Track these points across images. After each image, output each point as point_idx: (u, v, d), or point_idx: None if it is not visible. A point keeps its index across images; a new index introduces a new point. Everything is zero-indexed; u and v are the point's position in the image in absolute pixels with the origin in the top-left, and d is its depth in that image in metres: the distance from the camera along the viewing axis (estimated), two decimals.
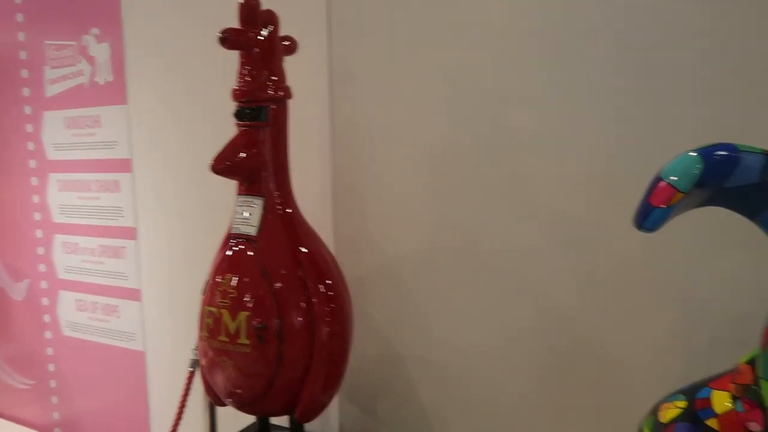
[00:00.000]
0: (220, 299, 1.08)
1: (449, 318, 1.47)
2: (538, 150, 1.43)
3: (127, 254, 1.75)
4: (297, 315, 1.09)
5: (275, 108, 1.09)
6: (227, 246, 1.13)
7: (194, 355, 1.33)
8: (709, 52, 1.18)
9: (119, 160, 1.74)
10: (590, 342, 1.62)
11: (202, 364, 1.16)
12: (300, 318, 1.09)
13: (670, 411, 0.96)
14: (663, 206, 0.76)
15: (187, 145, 1.62)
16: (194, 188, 1.62)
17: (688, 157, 0.75)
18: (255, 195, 1.11)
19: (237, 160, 1.07)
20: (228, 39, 1.03)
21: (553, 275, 1.55)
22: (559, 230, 1.53)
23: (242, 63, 1.08)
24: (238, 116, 1.08)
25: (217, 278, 1.11)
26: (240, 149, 1.08)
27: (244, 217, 1.11)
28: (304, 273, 1.11)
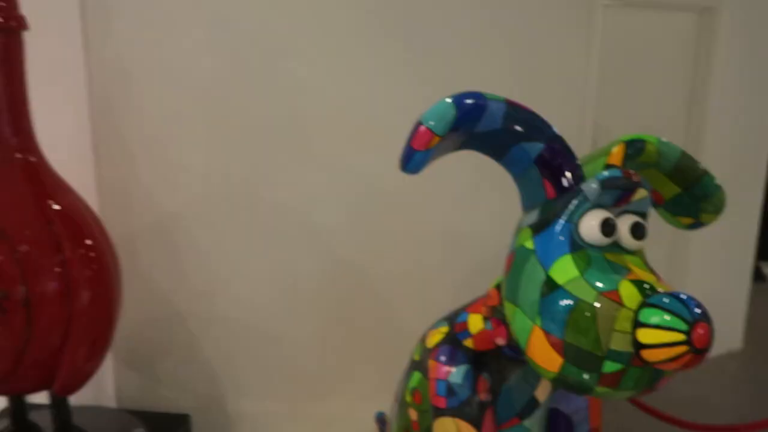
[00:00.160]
0: None
1: (231, 271, 1.44)
2: (315, 99, 1.43)
3: None
4: (49, 280, 0.97)
5: (4, 40, 0.92)
6: None
7: None
8: (460, 15, 1.31)
9: None
10: (369, 283, 1.71)
11: None
12: (53, 283, 0.98)
13: (434, 337, 1.06)
14: (423, 149, 0.79)
15: None
16: None
17: (444, 104, 0.79)
18: None
19: None
20: None
21: (333, 223, 1.58)
22: (339, 179, 1.56)
23: None
24: None
25: None
26: None
27: None
28: (57, 233, 0.98)
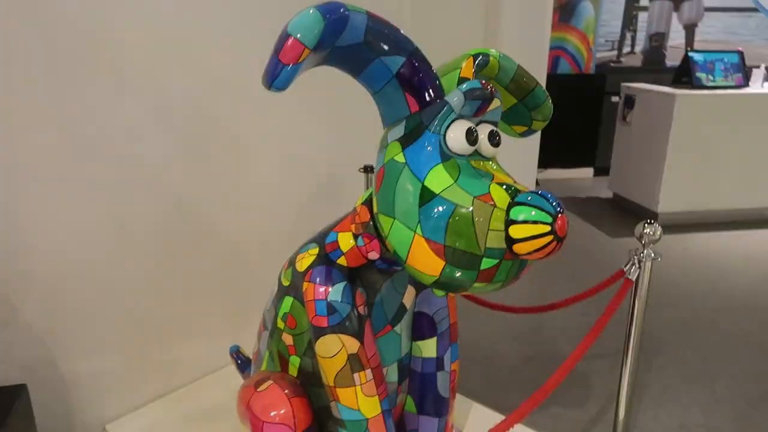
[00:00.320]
0: None
1: (45, 221, 1.29)
2: (124, 12, 1.31)
3: None
4: None
5: None
6: None
7: None
8: None
9: None
10: (205, 217, 1.62)
11: None
12: None
13: (306, 260, 1.05)
14: (293, 63, 0.75)
15: None
16: None
17: (309, 14, 0.76)
18: None
19: None
20: None
21: (158, 154, 1.46)
22: (159, 104, 1.43)
23: None
24: None
25: None
26: None
27: None
28: None
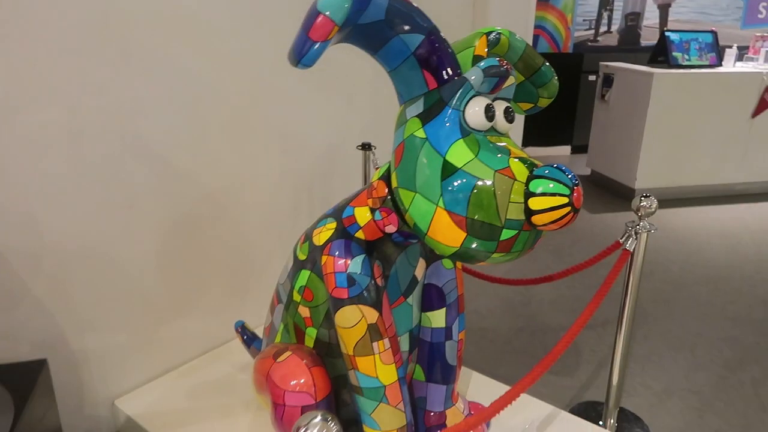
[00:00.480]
0: None
1: (53, 197, 1.31)
2: None
3: None
4: None
5: None
6: None
7: None
8: None
9: None
10: (208, 194, 1.63)
11: None
12: None
13: (323, 233, 1.04)
14: (322, 40, 0.74)
15: None
16: None
17: None
18: None
19: None
20: None
21: (165, 131, 1.48)
22: (164, 80, 1.45)
23: None
24: None
25: None
26: None
27: None
28: None
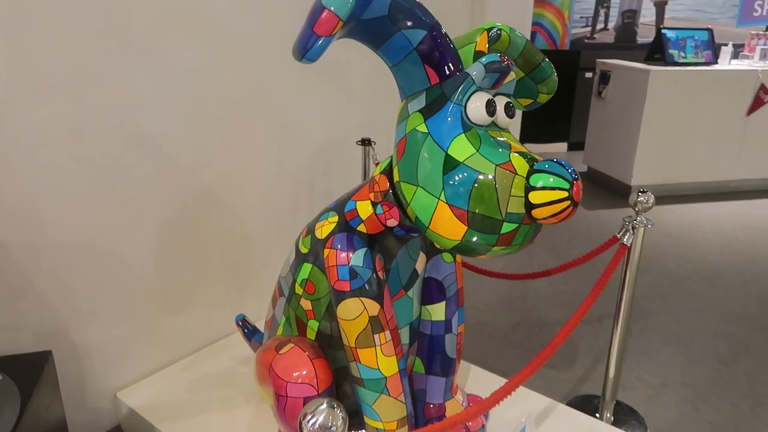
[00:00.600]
0: None
1: (56, 190, 1.32)
2: None
3: None
4: None
5: None
6: None
7: None
8: None
9: None
10: (210, 189, 1.64)
11: None
12: None
13: (326, 227, 1.06)
14: (327, 35, 0.75)
15: None
16: None
17: None
18: None
19: None
20: None
21: (167, 126, 1.48)
22: (166, 76, 1.45)
23: None
24: None
25: None
26: None
27: None
28: None
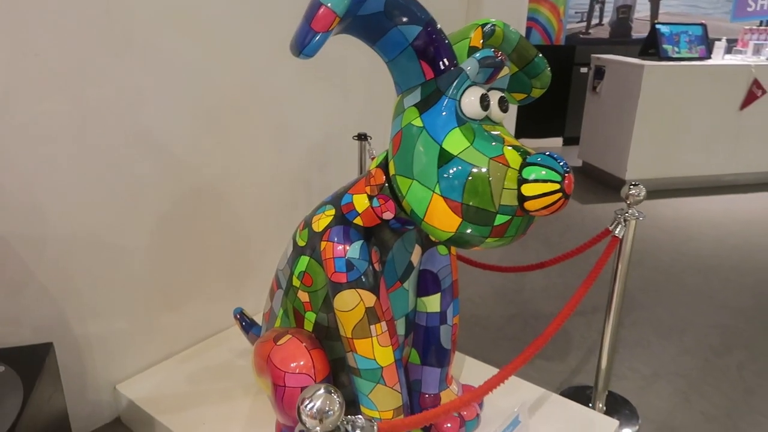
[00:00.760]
0: None
1: (59, 185, 1.31)
2: None
3: None
4: None
5: None
6: None
7: None
8: None
9: None
10: (209, 184, 1.64)
11: None
12: None
13: (323, 220, 1.06)
14: (324, 31, 0.75)
15: None
16: None
17: None
18: None
19: None
20: None
21: (166, 122, 1.49)
22: (168, 74, 1.46)
23: None
24: None
25: None
26: None
27: None
28: None
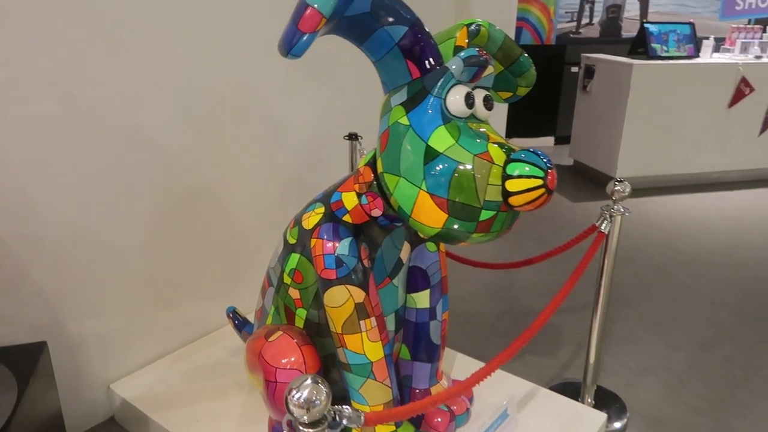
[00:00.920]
0: None
1: (52, 186, 1.32)
2: None
3: None
4: None
5: None
6: None
7: None
8: None
9: None
10: (203, 184, 1.64)
11: None
12: None
13: (312, 218, 1.07)
14: (311, 32, 0.76)
15: None
16: None
17: None
18: None
19: None
20: None
21: (159, 122, 1.50)
22: (159, 74, 1.46)
23: None
24: None
25: None
26: None
27: None
28: None
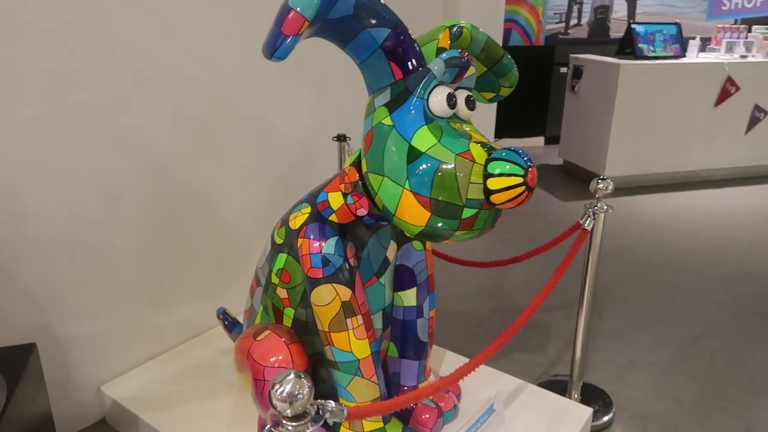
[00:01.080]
0: None
1: (40, 188, 1.32)
2: None
3: None
4: None
5: None
6: None
7: None
8: None
9: None
10: (191, 186, 1.64)
11: None
12: None
13: (299, 218, 1.08)
14: (293, 35, 0.78)
15: None
16: None
17: None
18: None
19: None
20: None
21: (148, 124, 1.49)
22: (146, 75, 1.45)
23: None
24: None
25: None
26: None
27: None
28: None
